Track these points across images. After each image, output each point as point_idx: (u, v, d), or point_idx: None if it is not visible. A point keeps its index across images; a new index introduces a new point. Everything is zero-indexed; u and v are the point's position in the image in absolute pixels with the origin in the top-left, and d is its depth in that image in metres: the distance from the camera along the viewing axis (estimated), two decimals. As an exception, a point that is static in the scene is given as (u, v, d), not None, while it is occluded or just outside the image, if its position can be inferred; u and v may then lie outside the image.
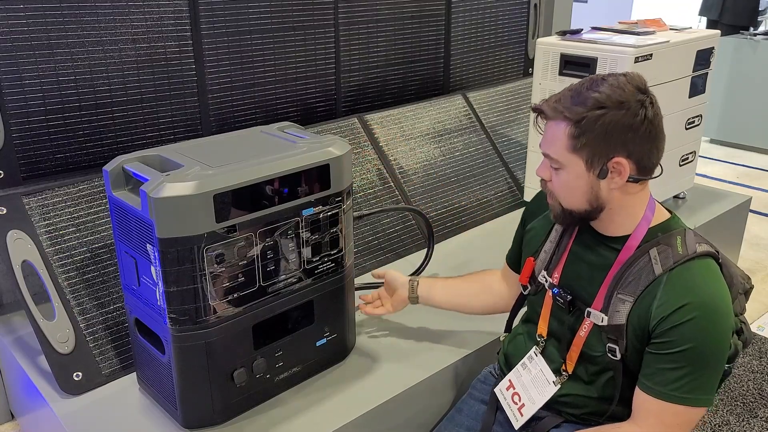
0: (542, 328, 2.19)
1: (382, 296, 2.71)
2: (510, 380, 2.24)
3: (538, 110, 1.96)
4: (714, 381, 1.90)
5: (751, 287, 2.15)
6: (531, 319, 2.27)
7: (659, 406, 1.89)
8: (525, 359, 2.22)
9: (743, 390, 3.44)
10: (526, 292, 2.28)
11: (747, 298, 2.13)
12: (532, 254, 2.26)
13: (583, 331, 2.04)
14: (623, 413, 2.01)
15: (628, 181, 1.91)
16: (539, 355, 2.19)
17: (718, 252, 1.99)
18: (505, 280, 2.51)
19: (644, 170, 1.93)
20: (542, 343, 2.19)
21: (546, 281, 2.16)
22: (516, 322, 2.44)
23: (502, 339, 2.44)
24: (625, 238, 1.99)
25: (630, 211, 1.97)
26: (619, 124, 1.85)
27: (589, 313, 2.01)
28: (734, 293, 2.00)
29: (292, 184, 2.22)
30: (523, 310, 2.40)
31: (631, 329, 1.93)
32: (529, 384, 2.18)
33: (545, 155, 1.96)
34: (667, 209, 2.07)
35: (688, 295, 1.85)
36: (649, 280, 1.90)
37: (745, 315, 2.12)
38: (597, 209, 1.95)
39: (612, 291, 1.96)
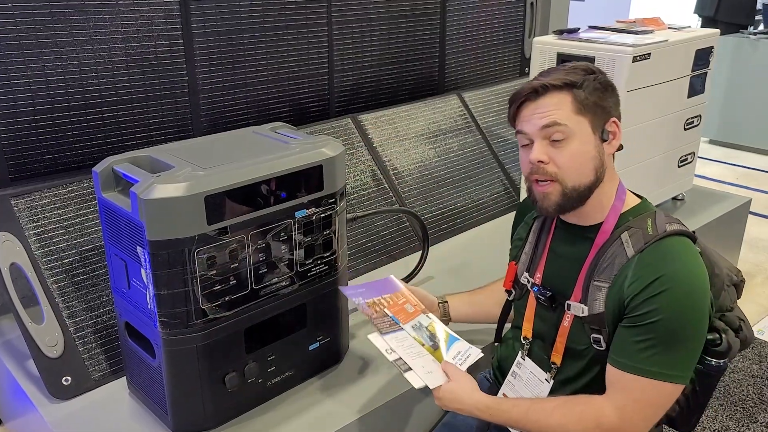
0: (527, 329, 2.21)
1: None
2: (504, 394, 2.26)
3: (542, 87, 1.98)
4: (687, 358, 1.90)
5: (742, 281, 2.18)
6: (518, 324, 2.29)
7: (627, 380, 1.90)
8: (513, 367, 2.24)
9: (743, 395, 3.45)
10: (510, 297, 2.32)
11: (739, 293, 2.16)
12: (513, 259, 2.31)
13: (566, 322, 2.06)
14: None
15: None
16: (526, 358, 2.21)
17: (694, 233, 2.02)
18: None
19: None
20: (527, 345, 2.21)
21: (528, 282, 2.19)
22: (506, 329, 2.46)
23: (496, 345, 2.46)
24: (599, 225, 2.03)
25: (604, 194, 2.02)
26: (608, 84, 2.03)
27: (569, 306, 2.04)
28: (718, 283, 2.04)
29: (284, 185, 2.23)
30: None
31: (610, 314, 1.96)
32: (524, 389, 2.19)
33: (546, 127, 1.95)
34: (636, 195, 2.11)
35: (660, 269, 1.88)
36: (622, 263, 1.95)
37: (741, 310, 2.15)
38: (599, 180, 1.99)
39: (588, 279, 2.00)
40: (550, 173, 1.96)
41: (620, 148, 2.06)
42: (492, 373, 2.42)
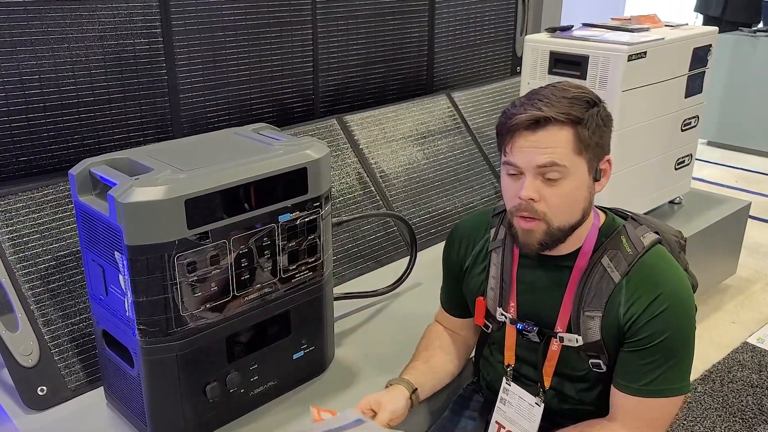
0: (509, 357, 2.21)
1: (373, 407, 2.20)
2: (497, 422, 2.26)
3: (544, 120, 1.86)
4: (689, 365, 1.98)
5: (685, 240, 2.22)
6: (498, 348, 2.29)
7: (640, 404, 1.96)
8: (501, 393, 2.25)
9: (742, 405, 3.47)
10: (489, 330, 2.28)
11: (684, 252, 2.20)
12: (478, 294, 2.25)
13: (555, 346, 2.08)
14: None
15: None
16: (512, 384, 2.22)
17: (658, 232, 2.06)
18: (452, 330, 2.47)
19: None
20: (511, 372, 2.22)
21: (506, 318, 2.17)
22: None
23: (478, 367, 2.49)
24: (573, 254, 2.03)
25: (582, 227, 2.01)
26: (608, 118, 1.96)
27: (561, 338, 2.05)
28: (675, 255, 2.08)
29: (267, 188, 2.24)
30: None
31: (608, 341, 1.99)
32: (516, 416, 2.20)
33: (543, 165, 1.88)
34: (599, 208, 2.11)
35: (655, 289, 1.92)
36: (610, 289, 1.97)
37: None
38: (584, 219, 1.98)
39: (577, 310, 2.01)
40: (539, 212, 1.92)
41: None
42: (483, 389, 2.44)
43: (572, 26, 3.76)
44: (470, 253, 2.27)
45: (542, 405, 2.14)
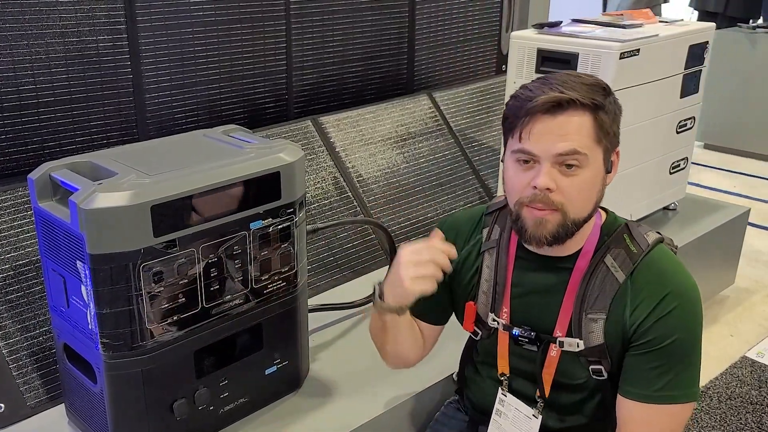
0: (503, 366, 2.19)
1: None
2: None
3: (568, 102, 1.85)
4: (699, 369, 1.97)
5: (677, 248, 2.19)
6: (486, 362, 2.26)
7: (650, 411, 1.94)
8: (497, 405, 2.23)
9: (741, 423, 3.48)
10: (477, 338, 2.25)
11: None
12: (468, 299, 2.21)
13: (554, 352, 2.07)
14: None
15: None
16: (508, 394, 2.20)
17: (659, 233, 2.06)
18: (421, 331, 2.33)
19: None
20: (506, 381, 2.20)
21: (498, 323, 2.15)
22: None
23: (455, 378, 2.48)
24: (574, 255, 2.02)
25: (587, 224, 2.00)
26: (621, 108, 1.98)
27: (562, 343, 2.04)
28: None
29: (238, 194, 2.25)
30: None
31: (612, 345, 1.98)
32: (512, 429, 2.19)
33: (562, 155, 1.86)
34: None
35: (662, 288, 1.93)
36: (614, 290, 1.96)
37: None
38: (594, 214, 1.98)
39: (579, 313, 2.00)
40: (556, 202, 1.88)
41: None
42: (468, 409, 2.42)
43: (561, 22, 3.78)
44: (459, 254, 2.18)
45: (540, 417, 2.13)
